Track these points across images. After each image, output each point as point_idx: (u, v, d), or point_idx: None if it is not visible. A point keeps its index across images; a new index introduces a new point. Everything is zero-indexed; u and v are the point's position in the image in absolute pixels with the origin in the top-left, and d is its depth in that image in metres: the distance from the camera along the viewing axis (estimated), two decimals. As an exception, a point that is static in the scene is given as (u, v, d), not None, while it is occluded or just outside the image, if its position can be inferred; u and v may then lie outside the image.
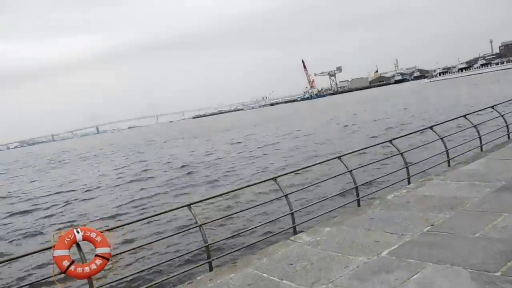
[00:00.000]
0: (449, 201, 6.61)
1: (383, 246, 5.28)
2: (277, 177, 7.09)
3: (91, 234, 4.89)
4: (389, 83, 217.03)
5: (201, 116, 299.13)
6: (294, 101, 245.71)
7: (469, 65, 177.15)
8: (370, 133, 28.27)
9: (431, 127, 10.53)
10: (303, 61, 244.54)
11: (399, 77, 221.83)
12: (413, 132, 11.16)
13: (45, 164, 54.63)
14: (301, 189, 8.43)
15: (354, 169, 8.26)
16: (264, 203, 9.22)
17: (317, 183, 10.58)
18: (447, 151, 10.22)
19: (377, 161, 10.34)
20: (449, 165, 10.12)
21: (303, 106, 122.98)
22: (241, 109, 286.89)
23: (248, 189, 12.35)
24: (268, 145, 31.05)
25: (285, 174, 8.03)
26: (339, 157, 8.24)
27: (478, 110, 13.98)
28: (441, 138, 10.20)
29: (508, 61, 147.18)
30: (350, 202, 8.26)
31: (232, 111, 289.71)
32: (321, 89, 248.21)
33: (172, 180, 21.36)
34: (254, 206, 8.77)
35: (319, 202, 8.03)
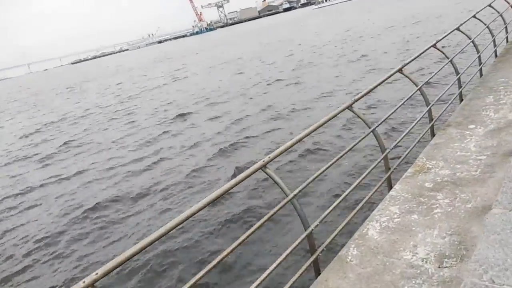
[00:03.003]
0: None
1: None
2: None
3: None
4: (278, 12, 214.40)
5: (81, 61, 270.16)
6: (183, 36, 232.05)
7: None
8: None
9: (400, 70, 5.84)
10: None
11: (287, 5, 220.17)
12: (379, 85, 6.32)
13: None
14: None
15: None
16: None
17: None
18: (429, 109, 5.83)
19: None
20: (433, 134, 5.84)
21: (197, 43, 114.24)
22: (127, 50, 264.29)
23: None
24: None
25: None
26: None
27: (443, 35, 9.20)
28: (419, 87, 5.67)
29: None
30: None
31: (116, 53, 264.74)
32: (211, 22, 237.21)
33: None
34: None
35: None
